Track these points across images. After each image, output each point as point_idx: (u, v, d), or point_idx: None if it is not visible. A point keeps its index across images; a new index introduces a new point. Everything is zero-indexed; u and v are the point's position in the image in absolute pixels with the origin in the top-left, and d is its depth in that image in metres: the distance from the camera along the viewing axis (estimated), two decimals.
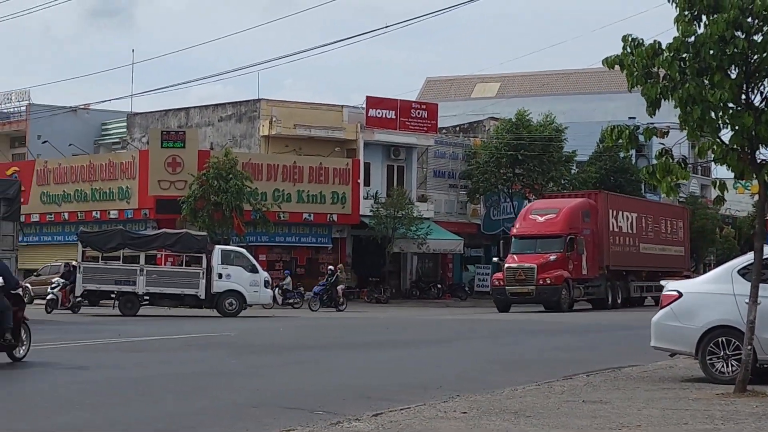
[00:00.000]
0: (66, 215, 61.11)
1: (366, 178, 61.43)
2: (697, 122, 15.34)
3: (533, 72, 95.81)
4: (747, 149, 15.61)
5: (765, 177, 15.48)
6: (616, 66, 15.72)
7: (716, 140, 15.87)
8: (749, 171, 15.73)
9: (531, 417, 13.28)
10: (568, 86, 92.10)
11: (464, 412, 13.68)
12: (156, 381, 17.94)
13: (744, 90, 15.44)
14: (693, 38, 15.18)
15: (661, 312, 17.64)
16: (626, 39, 15.54)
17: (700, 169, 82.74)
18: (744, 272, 16.82)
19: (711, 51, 15.02)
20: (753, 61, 15.29)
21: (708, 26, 15.02)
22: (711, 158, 16.54)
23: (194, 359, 22.04)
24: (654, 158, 16.61)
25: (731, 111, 15.36)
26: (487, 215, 67.47)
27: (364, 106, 62.21)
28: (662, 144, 16.51)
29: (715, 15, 14.94)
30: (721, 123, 15.54)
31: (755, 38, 15.11)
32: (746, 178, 17.38)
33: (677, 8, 15.33)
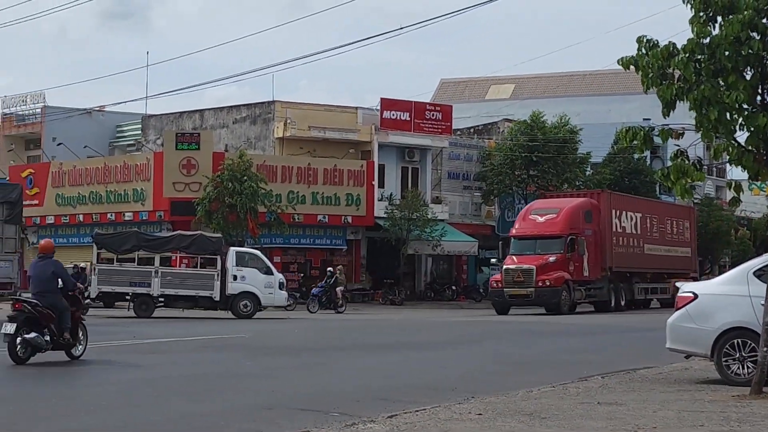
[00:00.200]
0: (81, 217, 61.25)
1: (380, 180, 61.39)
2: (713, 124, 15.32)
3: (548, 73, 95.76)
4: (762, 150, 15.59)
5: None
6: (631, 67, 15.71)
7: (731, 141, 15.85)
8: (765, 172, 15.70)
9: (546, 419, 13.27)
10: (583, 88, 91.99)
11: (479, 414, 13.67)
12: (171, 382, 17.96)
13: (759, 91, 15.41)
14: (708, 39, 15.17)
15: (677, 314, 17.60)
16: (641, 40, 15.53)
17: (715, 171, 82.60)
18: (759, 274, 16.79)
19: (726, 52, 15.00)
20: None
21: (723, 27, 15.00)
22: (726, 160, 16.50)
23: (209, 361, 22.07)
24: (669, 160, 16.59)
25: (746, 112, 15.34)
26: (502, 217, 67.34)
27: (379, 108, 62.20)
28: (677, 145, 16.49)
29: (730, 16, 14.93)
30: (737, 124, 15.52)
31: None
32: (762, 179, 17.34)
33: (692, 9, 15.31)
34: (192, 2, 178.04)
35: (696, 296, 17.43)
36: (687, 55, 15.19)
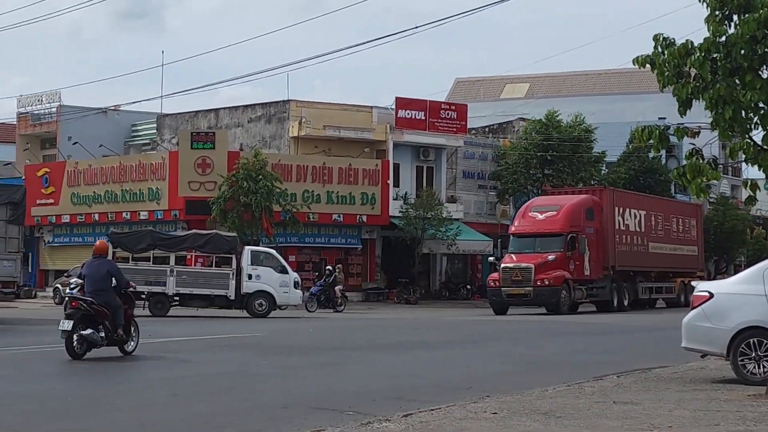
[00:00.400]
0: (96, 216, 61.40)
1: (395, 179, 61.44)
2: (728, 123, 15.29)
3: (562, 72, 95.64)
4: None
5: None
6: (646, 66, 15.68)
7: (747, 140, 15.81)
8: None
9: (561, 418, 13.25)
10: (598, 87, 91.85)
11: (494, 413, 13.65)
12: (186, 381, 17.98)
13: None
14: (724, 38, 15.13)
15: (692, 313, 17.56)
16: (657, 38, 15.50)
17: (731, 170, 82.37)
18: None
19: (742, 51, 14.97)
20: None
21: (739, 26, 14.96)
22: (742, 159, 16.47)
23: (224, 360, 22.09)
24: (684, 159, 16.57)
25: (762, 111, 15.30)
26: None
27: (394, 107, 62.23)
28: (692, 144, 16.45)
29: (746, 15, 14.89)
30: (752, 123, 15.48)
31: None
32: None
33: (708, 8, 15.28)
34: (206, 2, 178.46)
35: (711, 295, 17.39)
36: (703, 54, 15.16)
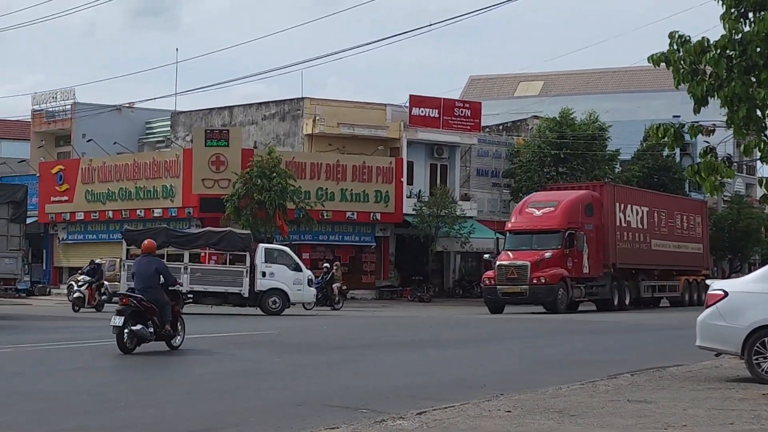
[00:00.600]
0: (110, 213, 61.49)
1: (409, 177, 61.42)
2: (743, 120, 15.26)
3: (576, 70, 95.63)
4: None
5: None
6: (661, 64, 15.65)
7: (762, 138, 15.77)
8: None
9: (575, 416, 13.24)
10: (612, 84, 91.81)
11: (508, 411, 13.65)
12: (200, 379, 18.00)
13: None
14: (740, 36, 15.09)
15: (707, 311, 17.51)
16: (673, 36, 15.47)
17: (745, 168, 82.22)
18: None
19: (758, 49, 14.92)
20: None
21: (755, 24, 14.92)
22: (757, 156, 16.43)
23: (238, 357, 22.11)
24: (698, 157, 16.54)
25: None
26: None
27: (408, 105, 62.20)
28: (707, 142, 16.41)
29: (762, 12, 14.85)
30: (767, 121, 15.45)
31: None
32: None
33: (723, 6, 15.25)
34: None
35: (726, 294, 17.33)
36: (719, 51, 15.12)
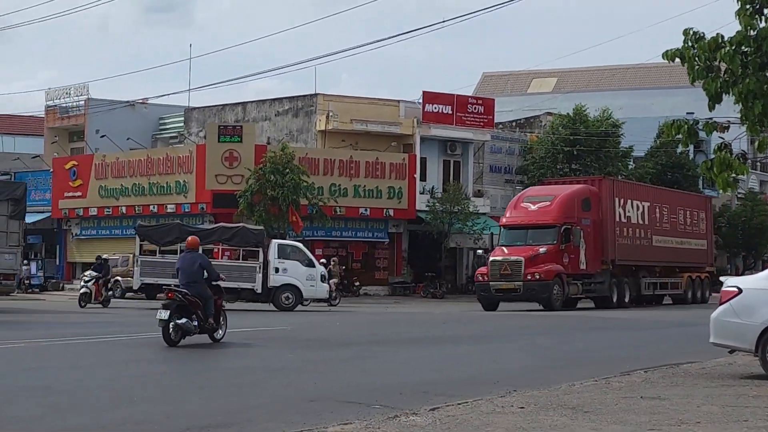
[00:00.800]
0: (123, 209, 61.58)
1: (422, 173, 61.39)
2: (758, 117, 15.22)
3: (590, 67, 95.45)
4: None
5: None
6: (675, 60, 15.61)
7: None
8: None
9: (589, 413, 13.22)
10: (625, 81, 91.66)
11: (521, 407, 13.64)
12: (213, 375, 18.03)
13: None
14: (755, 32, 15.04)
15: (721, 308, 17.48)
16: (687, 32, 15.43)
17: (759, 165, 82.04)
18: None
19: None
20: None
21: None
22: None
23: (251, 353, 22.15)
24: (712, 153, 16.50)
25: None
26: None
27: (421, 101, 62.16)
28: (721, 138, 16.36)
29: None
30: None
31: None
32: None
33: (738, 2, 15.20)
34: None
35: (740, 291, 17.30)
36: (734, 48, 15.07)
